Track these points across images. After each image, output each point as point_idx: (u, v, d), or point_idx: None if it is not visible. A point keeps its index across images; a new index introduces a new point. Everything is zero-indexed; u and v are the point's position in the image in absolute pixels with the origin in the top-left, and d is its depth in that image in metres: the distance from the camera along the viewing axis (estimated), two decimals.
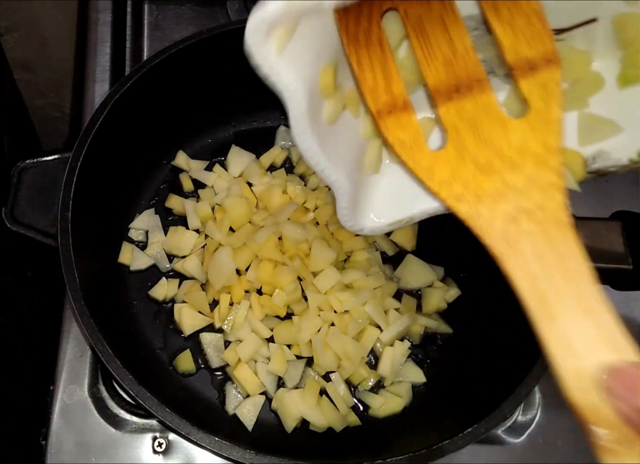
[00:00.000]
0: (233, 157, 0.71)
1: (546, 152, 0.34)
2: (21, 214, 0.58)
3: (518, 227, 0.33)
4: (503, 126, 0.35)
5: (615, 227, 0.55)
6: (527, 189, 0.33)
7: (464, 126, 0.35)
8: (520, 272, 0.32)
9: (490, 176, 0.34)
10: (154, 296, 0.64)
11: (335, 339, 0.60)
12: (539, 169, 0.33)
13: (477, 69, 0.35)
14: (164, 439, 0.58)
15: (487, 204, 0.34)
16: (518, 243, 0.32)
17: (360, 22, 0.36)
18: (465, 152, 0.35)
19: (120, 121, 0.59)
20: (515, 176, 0.34)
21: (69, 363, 0.60)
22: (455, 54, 0.35)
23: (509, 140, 0.34)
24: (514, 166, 0.34)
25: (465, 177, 0.34)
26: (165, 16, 0.79)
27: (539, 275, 0.31)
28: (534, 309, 0.31)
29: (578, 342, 0.30)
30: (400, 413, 0.60)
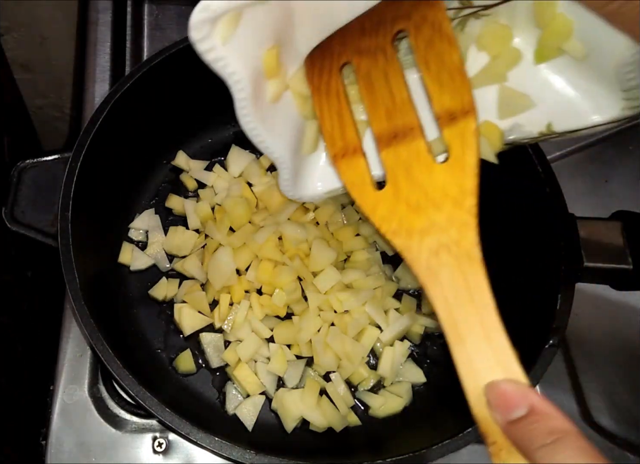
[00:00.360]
0: (233, 157, 0.71)
1: (462, 194, 0.38)
2: (21, 214, 0.58)
3: (439, 260, 0.37)
4: (430, 171, 0.39)
5: (615, 227, 0.55)
6: (447, 226, 0.38)
7: (399, 170, 0.40)
8: (439, 300, 0.36)
9: (419, 215, 0.39)
10: (154, 296, 0.64)
11: (335, 339, 0.60)
12: (456, 209, 0.38)
13: (412, 118, 0.40)
14: (164, 439, 0.58)
15: (416, 239, 0.38)
16: (439, 274, 0.37)
17: (322, 75, 0.42)
18: (400, 193, 0.40)
19: (120, 121, 0.59)
20: (438, 215, 0.38)
21: (69, 363, 0.60)
22: (395, 104, 0.41)
23: (434, 183, 0.39)
24: (437, 206, 0.39)
25: (400, 215, 0.39)
26: (165, 16, 0.79)
27: (453, 304, 0.36)
28: (449, 333, 0.35)
29: (479, 364, 0.34)
30: (400, 413, 0.60)
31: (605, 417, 0.61)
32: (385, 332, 0.62)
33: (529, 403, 0.30)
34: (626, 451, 0.60)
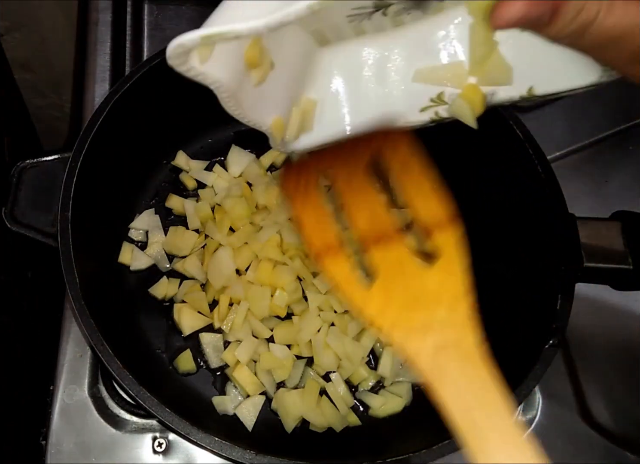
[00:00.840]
0: (233, 157, 0.71)
1: (455, 299, 0.38)
2: (21, 214, 0.58)
3: (444, 359, 0.36)
4: (419, 275, 0.39)
5: (615, 227, 0.55)
6: (445, 327, 0.37)
7: (388, 270, 0.39)
8: (450, 401, 0.35)
9: (415, 313, 0.38)
10: (153, 294, 0.64)
11: (335, 339, 0.60)
12: (451, 312, 0.38)
13: (391, 227, 0.41)
14: (164, 439, 0.58)
15: (415, 335, 0.37)
16: (446, 374, 0.35)
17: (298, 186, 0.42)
18: (392, 292, 0.39)
19: (120, 120, 0.59)
20: (434, 315, 0.38)
21: (69, 363, 0.60)
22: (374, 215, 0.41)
23: (425, 287, 0.39)
24: (432, 307, 0.38)
25: (395, 311, 0.38)
26: (165, 16, 0.79)
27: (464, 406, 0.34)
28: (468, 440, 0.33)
29: None
30: (400, 413, 0.60)
31: (605, 417, 0.61)
32: None
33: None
34: (626, 451, 0.60)
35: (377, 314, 0.38)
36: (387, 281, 0.39)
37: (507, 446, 0.33)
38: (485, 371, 0.35)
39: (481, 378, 0.35)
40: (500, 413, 0.34)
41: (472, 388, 0.34)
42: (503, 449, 0.33)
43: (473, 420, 0.33)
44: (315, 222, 0.41)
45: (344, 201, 0.42)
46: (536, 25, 0.30)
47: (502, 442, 0.33)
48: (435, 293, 0.38)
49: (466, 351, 0.36)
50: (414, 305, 0.38)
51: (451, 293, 0.39)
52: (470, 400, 0.34)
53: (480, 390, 0.34)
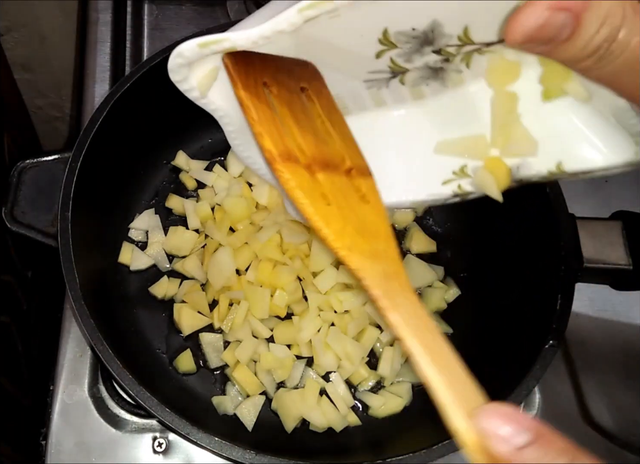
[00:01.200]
0: (233, 157, 0.71)
1: (387, 236, 0.39)
2: (21, 214, 0.58)
3: (392, 286, 0.36)
4: (360, 207, 0.40)
5: (615, 227, 0.55)
6: (387, 258, 0.38)
7: (338, 195, 0.39)
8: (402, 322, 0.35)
9: (364, 240, 0.38)
10: (153, 293, 0.64)
11: (335, 339, 0.60)
12: (388, 246, 0.39)
13: (338, 153, 0.41)
14: (164, 439, 0.58)
15: (368, 261, 0.37)
16: (396, 300, 0.36)
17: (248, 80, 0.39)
18: (345, 215, 0.39)
19: (120, 120, 0.59)
20: (377, 246, 0.38)
21: (69, 363, 0.60)
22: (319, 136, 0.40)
23: (367, 217, 0.39)
24: (374, 239, 0.39)
25: (350, 234, 0.38)
26: (165, 16, 0.79)
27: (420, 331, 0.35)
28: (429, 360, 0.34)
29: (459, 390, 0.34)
30: (400, 412, 0.60)
31: (605, 417, 0.61)
32: (385, 333, 0.62)
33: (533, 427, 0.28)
34: (626, 451, 0.60)
35: (337, 234, 0.38)
36: (339, 206, 0.39)
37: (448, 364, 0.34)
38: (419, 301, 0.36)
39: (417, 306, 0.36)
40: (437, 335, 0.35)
41: (414, 312, 0.36)
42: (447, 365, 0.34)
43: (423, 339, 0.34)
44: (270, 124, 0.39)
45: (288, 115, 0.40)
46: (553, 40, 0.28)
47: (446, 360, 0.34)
48: (374, 227, 0.39)
49: (404, 282, 0.37)
50: (362, 233, 0.38)
51: (384, 230, 0.39)
52: (417, 323, 0.35)
53: (419, 316, 0.36)
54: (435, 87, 0.41)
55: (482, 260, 0.66)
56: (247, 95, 0.38)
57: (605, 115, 0.37)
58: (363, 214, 0.39)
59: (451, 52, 0.38)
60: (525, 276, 0.59)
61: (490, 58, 0.38)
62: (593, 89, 0.36)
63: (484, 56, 0.38)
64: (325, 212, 0.38)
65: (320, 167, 0.39)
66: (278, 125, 0.39)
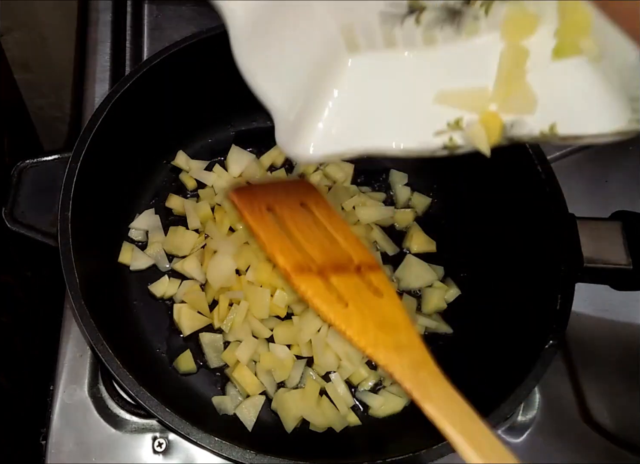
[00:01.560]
0: (233, 157, 0.71)
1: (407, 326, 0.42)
2: (21, 214, 0.58)
3: (422, 376, 0.38)
4: (375, 302, 0.43)
5: (615, 227, 0.55)
6: (411, 348, 0.40)
7: (354, 295, 0.42)
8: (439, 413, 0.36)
9: (387, 334, 0.41)
10: (152, 291, 0.64)
11: (335, 339, 0.60)
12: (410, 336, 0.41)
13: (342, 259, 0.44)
14: (164, 439, 0.58)
15: (395, 354, 0.40)
16: (428, 389, 0.37)
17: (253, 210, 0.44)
18: (364, 313, 0.42)
19: (120, 121, 0.59)
20: (399, 338, 0.41)
21: (69, 363, 0.60)
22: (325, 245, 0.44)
23: (383, 313, 0.42)
24: (395, 331, 0.41)
25: (373, 332, 0.41)
26: (165, 16, 0.79)
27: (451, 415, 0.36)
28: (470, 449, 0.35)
29: None
30: (400, 413, 0.60)
31: (605, 417, 0.61)
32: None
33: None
34: (626, 451, 0.60)
35: (359, 333, 0.40)
36: (356, 305, 0.42)
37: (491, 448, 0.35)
38: (451, 387, 0.38)
39: (451, 392, 0.38)
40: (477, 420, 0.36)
41: (449, 399, 0.37)
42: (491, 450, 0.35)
43: (463, 426, 0.36)
44: (281, 243, 0.43)
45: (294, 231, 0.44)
46: None
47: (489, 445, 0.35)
48: (392, 319, 0.42)
49: (433, 370, 0.39)
50: (383, 328, 0.41)
51: (403, 320, 0.42)
52: (453, 410, 0.37)
53: (455, 402, 0.37)
54: (448, 33, 0.41)
55: (482, 260, 0.66)
56: (255, 222, 0.43)
57: (610, 77, 0.37)
58: (380, 308, 0.42)
59: None
60: (525, 276, 0.59)
61: (510, 7, 0.38)
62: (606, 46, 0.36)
63: (504, 4, 0.38)
64: (345, 314, 0.41)
65: (332, 271, 0.43)
66: (287, 242, 0.43)
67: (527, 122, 0.40)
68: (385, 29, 0.42)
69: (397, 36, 0.43)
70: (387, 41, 0.43)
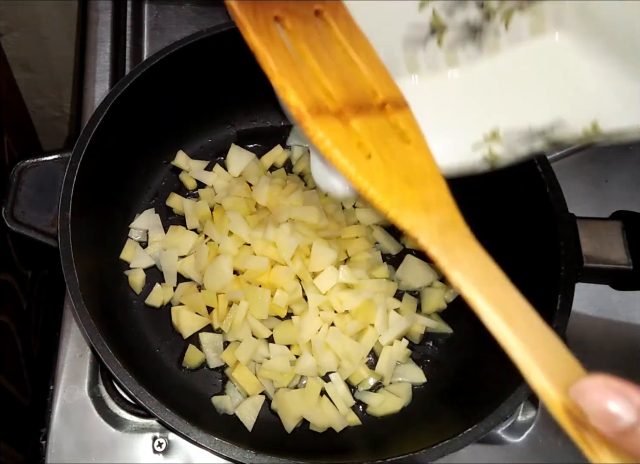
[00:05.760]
0: (233, 157, 0.71)
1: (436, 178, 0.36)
2: (21, 214, 0.58)
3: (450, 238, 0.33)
4: (404, 149, 0.36)
5: (615, 227, 0.55)
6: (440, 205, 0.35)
7: (378, 142, 0.35)
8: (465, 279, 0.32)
9: (414, 190, 0.35)
10: (151, 304, 0.63)
11: (335, 339, 0.60)
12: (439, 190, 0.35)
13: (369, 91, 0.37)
14: (164, 439, 0.58)
15: (422, 215, 0.34)
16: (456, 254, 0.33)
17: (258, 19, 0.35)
18: (390, 166, 0.35)
19: (120, 121, 0.59)
20: (427, 193, 0.35)
21: (69, 363, 0.60)
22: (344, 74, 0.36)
23: (412, 161, 0.36)
24: (423, 185, 0.35)
25: (399, 188, 0.35)
26: (165, 16, 0.79)
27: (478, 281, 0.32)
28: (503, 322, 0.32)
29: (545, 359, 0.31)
30: (399, 412, 0.60)
31: None
32: (385, 335, 0.61)
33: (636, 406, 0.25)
34: None
35: (384, 191, 0.34)
36: (381, 155, 0.35)
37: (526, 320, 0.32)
38: (481, 249, 0.33)
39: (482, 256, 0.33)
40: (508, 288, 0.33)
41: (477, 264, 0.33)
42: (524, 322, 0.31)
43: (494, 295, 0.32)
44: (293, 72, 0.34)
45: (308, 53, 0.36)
46: None
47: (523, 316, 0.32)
48: (420, 171, 0.36)
49: (463, 230, 0.34)
50: (411, 182, 0.35)
51: (432, 172, 0.36)
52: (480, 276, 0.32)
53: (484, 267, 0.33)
54: (470, 52, 0.41)
55: None
56: (261, 41, 0.34)
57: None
58: (407, 158, 0.36)
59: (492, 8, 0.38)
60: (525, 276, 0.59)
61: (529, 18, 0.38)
62: None
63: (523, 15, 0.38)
64: (368, 168, 0.34)
65: (353, 112, 0.35)
66: (300, 71, 0.35)
67: (568, 123, 0.39)
68: (407, 56, 0.41)
69: (420, 60, 0.42)
70: (409, 67, 0.42)
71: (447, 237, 0.33)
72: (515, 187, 0.61)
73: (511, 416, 0.60)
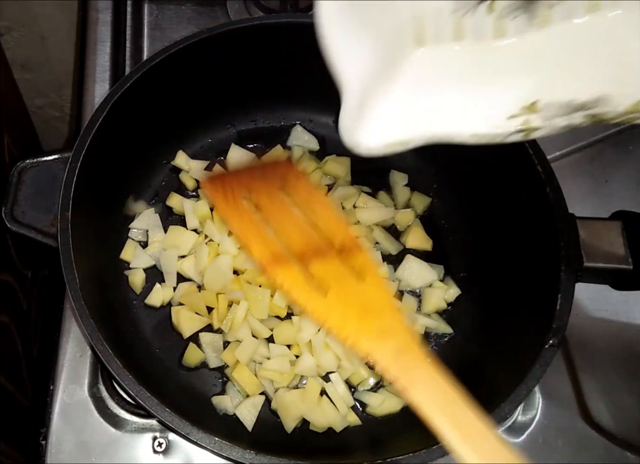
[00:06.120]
0: (233, 157, 0.71)
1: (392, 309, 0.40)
2: (21, 214, 0.58)
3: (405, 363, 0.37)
4: (357, 287, 0.41)
5: (615, 227, 0.55)
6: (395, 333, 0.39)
7: (333, 282, 0.41)
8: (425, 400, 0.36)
9: (370, 321, 0.40)
10: (151, 304, 0.63)
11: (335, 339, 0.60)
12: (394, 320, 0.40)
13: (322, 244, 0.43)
14: (164, 439, 0.58)
15: (378, 342, 0.39)
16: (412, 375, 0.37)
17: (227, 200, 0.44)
18: (345, 301, 0.41)
19: (120, 121, 0.59)
20: (383, 322, 0.40)
21: (69, 363, 0.60)
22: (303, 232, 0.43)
23: (366, 298, 0.41)
24: (378, 316, 0.40)
25: (355, 320, 0.40)
26: (165, 16, 0.79)
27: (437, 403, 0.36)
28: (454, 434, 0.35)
29: None
30: (399, 412, 0.60)
31: (605, 417, 0.61)
32: None
33: None
34: (626, 451, 0.60)
35: (339, 324, 0.40)
36: (337, 292, 0.41)
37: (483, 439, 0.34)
38: (438, 371, 0.37)
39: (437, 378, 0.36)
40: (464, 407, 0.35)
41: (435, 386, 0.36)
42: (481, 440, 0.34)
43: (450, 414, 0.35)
44: (256, 233, 0.43)
45: (271, 218, 0.44)
46: None
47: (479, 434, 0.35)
48: (375, 304, 0.41)
49: (418, 354, 0.38)
50: (366, 314, 0.40)
51: (387, 304, 0.41)
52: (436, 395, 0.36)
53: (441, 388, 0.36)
54: (520, 23, 0.40)
55: (482, 260, 0.66)
56: (227, 213, 0.43)
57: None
58: (362, 294, 0.41)
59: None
60: (525, 276, 0.59)
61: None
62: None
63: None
64: (324, 305, 0.40)
65: (311, 257, 0.42)
66: (262, 232, 0.43)
67: (612, 98, 0.40)
68: (455, 20, 0.41)
69: (467, 27, 0.42)
70: (455, 33, 0.42)
71: (404, 360, 0.38)
72: (517, 188, 0.61)
73: (511, 416, 0.60)
